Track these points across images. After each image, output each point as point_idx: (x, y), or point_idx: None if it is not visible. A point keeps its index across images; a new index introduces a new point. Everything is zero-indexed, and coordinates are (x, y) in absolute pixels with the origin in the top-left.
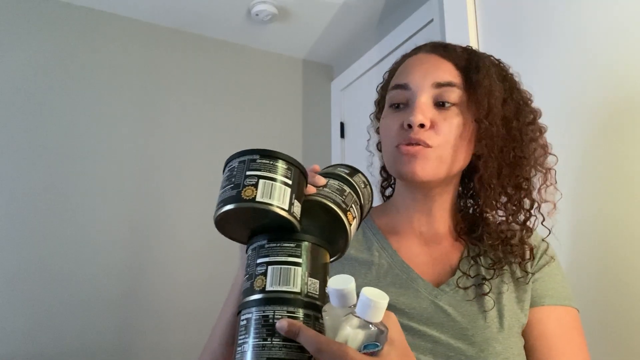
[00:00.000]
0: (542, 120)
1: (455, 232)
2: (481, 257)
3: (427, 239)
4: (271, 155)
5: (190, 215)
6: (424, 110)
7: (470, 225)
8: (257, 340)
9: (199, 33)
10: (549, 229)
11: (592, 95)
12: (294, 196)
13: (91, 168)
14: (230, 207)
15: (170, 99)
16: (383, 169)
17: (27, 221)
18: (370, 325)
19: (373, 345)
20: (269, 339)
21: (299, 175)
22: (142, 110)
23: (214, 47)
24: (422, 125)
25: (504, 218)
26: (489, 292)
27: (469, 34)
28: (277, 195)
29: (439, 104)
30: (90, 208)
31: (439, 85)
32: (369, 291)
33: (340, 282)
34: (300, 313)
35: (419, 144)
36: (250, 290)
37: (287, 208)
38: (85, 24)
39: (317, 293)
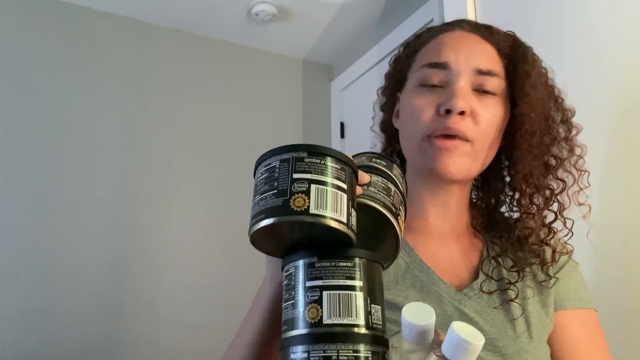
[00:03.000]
0: None
1: (472, 228)
2: (501, 258)
3: (444, 235)
4: (322, 153)
5: (184, 215)
6: (465, 96)
7: (487, 221)
8: None
9: (199, 33)
10: (571, 231)
11: (601, 94)
12: (350, 204)
13: (88, 167)
14: (276, 220)
15: (171, 99)
16: (392, 153)
17: (18, 220)
18: None
19: None
20: None
21: (351, 176)
22: (142, 110)
23: (214, 47)
24: (462, 113)
25: (517, 214)
26: (515, 298)
27: None
28: (333, 205)
29: (478, 91)
30: (81, 206)
31: (481, 72)
32: (461, 329)
33: (419, 316)
34: (368, 350)
35: (457, 136)
36: (302, 322)
37: (345, 221)
38: (85, 23)
39: (381, 323)
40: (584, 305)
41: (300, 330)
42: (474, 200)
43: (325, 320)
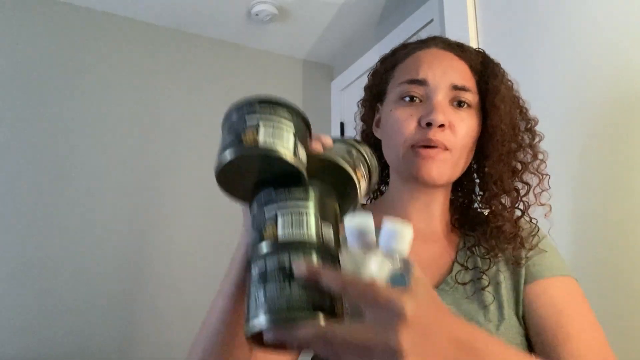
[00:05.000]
0: (542, 122)
1: (451, 225)
2: (476, 247)
3: (425, 236)
4: (271, 102)
5: (189, 214)
6: (444, 110)
7: (462, 217)
8: (273, 287)
9: (198, 33)
10: (536, 225)
11: (592, 95)
12: (298, 141)
13: (90, 167)
14: (231, 155)
15: (170, 99)
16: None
17: (25, 220)
18: (396, 258)
19: (400, 279)
20: (287, 286)
21: (301, 122)
22: (141, 110)
23: (214, 47)
24: (441, 125)
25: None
26: (487, 286)
27: (469, 34)
28: (280, 139)
29: (455, 104)
30: (89, 206)
31: (456, 87)
32: (391, 221)
33: (358, 219)
34: (317, 258)
35: (437, 146)
36: (261, 240)
37: (291, 151)
38: (85, 24)
39: (332, 239)
40: (562, 273)
41: (260, 246)
42: (452, 199)
43: (280, 234)
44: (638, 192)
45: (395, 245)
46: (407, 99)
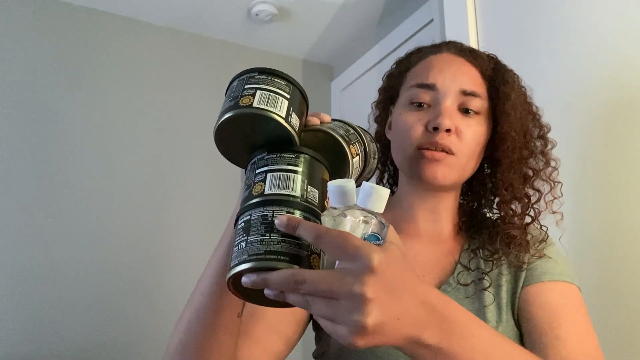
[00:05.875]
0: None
1: (458, 227)
2: (480, 250)
3: (431, 237)
4: (270, 72)
5: (194, 212)
6: (451, 115)
7: (470, 220)
8: (255, 236)
9: (199, 33)
10: (545, 232)
11: (592, 95)
12: (291, 109)
13: (93, 166)
14: (227, 116)
15: (170, 98)
16: (386, 161)
17: (28, 221)
18: (372, 217)
19: (374, 237)
20: (267, 235)
21: (298, 95)
22: (141, 110)
23: (214, 47)
24: (448, 130)
25: (498, 216)
26: (488, 287)
27: (469, 34)
28: (274, 104)
29: (463, 110)
30: (94, 205)
31: (465, 93)
32: (371, 183)
33: (340, 181)
34: (299, 215)
35: (444, 150)
36: (249, 197)
37: (284, 116)
38: (85, 24)
39: (317, 201)
40: (562, 279)
41: (248, 202)
42: (461, 202)
43: (267, 191)
44: (636, 193)
45: (371, 205)
46: (416, 104)
